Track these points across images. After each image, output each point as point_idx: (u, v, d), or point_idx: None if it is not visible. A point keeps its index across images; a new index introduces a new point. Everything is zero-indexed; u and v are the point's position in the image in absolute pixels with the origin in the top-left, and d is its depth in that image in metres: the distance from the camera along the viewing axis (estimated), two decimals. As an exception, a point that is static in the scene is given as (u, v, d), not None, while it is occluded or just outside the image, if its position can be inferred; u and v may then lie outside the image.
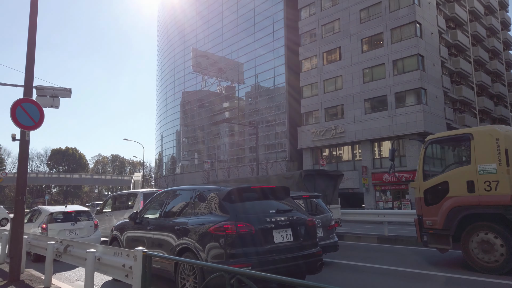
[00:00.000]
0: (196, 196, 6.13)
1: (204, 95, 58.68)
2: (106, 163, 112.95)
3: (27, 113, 7.00)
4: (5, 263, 9.13)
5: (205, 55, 59.78)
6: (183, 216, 6.08)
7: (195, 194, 6.17)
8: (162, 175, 64.77)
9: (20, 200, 7.17)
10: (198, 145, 57.56)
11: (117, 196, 14.26)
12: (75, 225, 10.70)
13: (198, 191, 6.20)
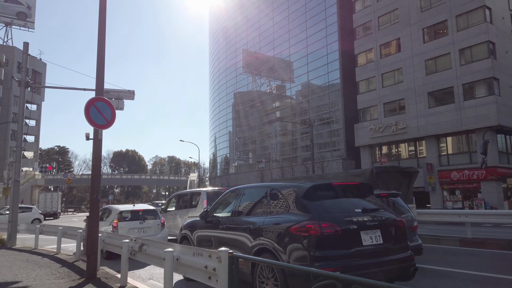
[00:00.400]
0: (271, 194, 5.76)
1: (255, 95, 58.84)
2: (163, 164, 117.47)
3: (100, 112, 7.06)
4: (80, 260, 9.40)
5: (255, 55, 60.02)
6: (258, 215, 5.74)
7: (270, 192, 5.80)
8: (216, 175, 65.88)
9: (95, 199, 7.25)
10: (251, 145, 57.79)
11: (181, 195, 14.37)
12: (143, 223, 10.84)
13: (273, 188, 5.83)
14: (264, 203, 5.79)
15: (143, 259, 6.31)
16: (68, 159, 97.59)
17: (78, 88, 15.69)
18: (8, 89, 63.95)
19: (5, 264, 8.85)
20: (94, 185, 7.24)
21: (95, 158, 7.37)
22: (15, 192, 13.35)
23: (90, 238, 7.04)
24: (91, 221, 7.15)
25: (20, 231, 13.31)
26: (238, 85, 62.67)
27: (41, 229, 12.34)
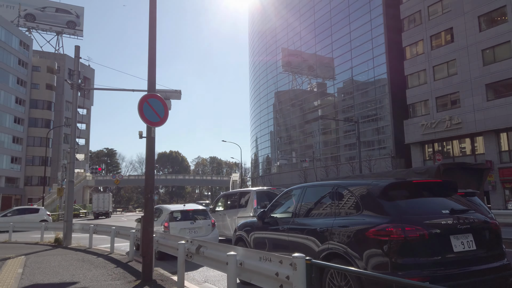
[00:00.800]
0: (339, 193, 5.20)
1: (296, 94, 58.09)
2: (205, 164, 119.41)
3: (153, 109, 6.84)
4: (133, 261, 9.32)
5: (295, 53, 59.28)
6: (325, 217, 5.21)
7: (337, 190, 5.25)
8: (258, 175, 65.76)
9: (150, 198, 7.05)
10: (292, 144, 57.11)
11: (229, 195, 14.11)
12: (194, 223, 10.62)
13: (340, 187, 5.27)
14: (330, 203, 5.26)
15: (200, 262, 5.98)
16: (116, 160, 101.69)
17: (127, 89, 15.89)
18: (60, 95, 67.58)
19: (62, 264, 8.92)
20: (148, 184, 7.04)
21: (149, 156, 7.17)
22: (69, 192, 13.67)
23: (145, 239, 6.83)
24: (145, 222, 6.95)
25: (75, 230, 13.62)
26: (278, 84, 62.19)
27: (95, 229, 12.51)
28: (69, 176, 13.64)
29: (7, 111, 56.23)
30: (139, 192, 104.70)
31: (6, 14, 63.18)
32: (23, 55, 60.59)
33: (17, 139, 58.53)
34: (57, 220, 35.96)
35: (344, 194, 5.11)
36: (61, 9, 73.05)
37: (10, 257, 10.22)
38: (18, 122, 58.88)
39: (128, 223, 30.17)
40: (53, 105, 64.90)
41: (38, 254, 10.81)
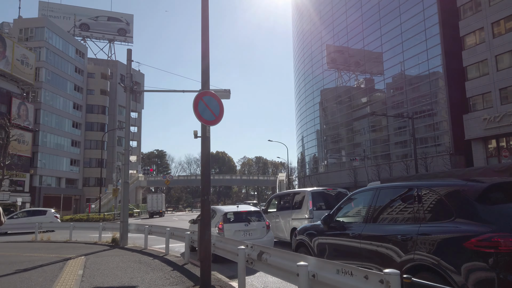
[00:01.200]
0: (422, 195, 4.56)
1: (342, 91, 56.49)
2: (251, 164, 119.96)
3: (208, 107, 6.54)
4: (189, 263, 9.14)
5: (340, 50, 57.74)
6: (406, 222, 4.58)
7: (420, 193, 4.61)
8: (305, 175, 64.75)
9: (206, 200, 6.75)
10: (340, 143, 55.59)
11: (282, 195, 13.64)
12: (248, 225, 10.27)
13: (423, 188, 4.62)
14: (412, 207, 4.62)
15: (262, 269, 5.56)
16: (166, 161, 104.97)
17: (177, 90, 15.95)
18: (114, 99, 70.83)
19: (120, 266, 8.91)
20: (204, 185, 6.74)
21: (204, 157, 6.88)
22: (125, 193, 13.89)
23: (203, 243, 6.54)
24: (202, 225, 6.66)
25: (130, 231, 13.81)
26: (324, 81, 60.85)
27: (150, 230, 12.57)
28: (124, 177, 13.86)
29: (66, 116, 59.74)
30: (188, 192, 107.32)
31: (63, 24, 67.16)
32: (79, 62, 64.12)
33: (75, 142, 62.02)
34: (112, 219, 37.44)
35: (429, 196, 4.46)
36: (113, 17, 76.59)
37: (71, 257, 10.46)
38: (76, 127, 62.39)
39: (179, 223, 30.72)
40: (107, 110, 68.17)
41: (97, 255, 11.00)
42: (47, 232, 18.29)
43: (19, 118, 46.93)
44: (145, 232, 12.48)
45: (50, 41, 56.25)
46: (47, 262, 9.62)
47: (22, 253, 11.76)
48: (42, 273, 8.16)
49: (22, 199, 38.73)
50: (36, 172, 51.67)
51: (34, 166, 51.46)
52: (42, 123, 53.64)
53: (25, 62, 49.64)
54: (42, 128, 53.40)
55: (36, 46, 53.92)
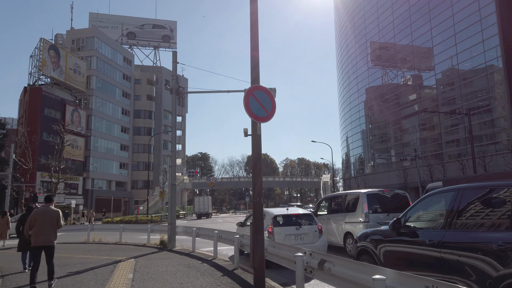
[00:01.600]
0: (518, 197, 3.81)
1: (389, 89, 54.24)
2: (293, 166, 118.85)
3: (259, 103, 6.09)
4: (239, 268, 8.75)
5: (385, 46, 55.58)
6: (504, 230, 3.86)
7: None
8: (351, 176, 62.91)
9: (258, 202, 6.30)
10: (387, 142, 53.40)
11: (333, 197, 12.94)
12: (299, 229, 9.71)
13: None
14: (506, 210, 3.89)
15: (324, 280, 5.00)
16: (209, 164, 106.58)
17: (222, 91, 15.75)
18: (159, 104, 72.93)
19: (170, 270, 8.69)
20: (256, 185, 6.30)
21: (255, 155, 6.43)
22: (172, 195, 13.83)
23: (257, 248, 6.08)
24: (255, 229, 6.21)
25: (178, 233, 13.72)
26: (369, 79, 58.83)
27: (197, 232, 12.36)
28: (171, 179, 13.79)
29: (115, 122, 62.24)
30: (231, 194, 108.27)
31: (112, 34, 70.16)
32: (127, 70, 66.65)
33: (124, 146, 64.44)
34: (160, 221, 38.21)
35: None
36: (157, 25, 79.03)
37: (121, 259, 10.43)
38: (124, 131, 64.83)
39: (225, 225, 30.70)
40: (153, 114, 70.31)
41: (146, 257, 10.92)
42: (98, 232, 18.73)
43: (73, 124, 49.42)
44: (193, 234, 12.29)
45: (99, 50, 58.90)
46: (98, 265, 9.63)
47: (75, 254, 11.98)
48: (94, 276, 8.10)
49: (76, 201, 40.66)
50: (88, 175, 54.17)
51: (86, 170, 53.98)
52: (94, 128, 56.19)
53: (77, 71, 52.27)
54: (93, 133, 55.93)
55: (87, 55, 56.66)
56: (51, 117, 45.96)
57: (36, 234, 6.78)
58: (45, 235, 6.79)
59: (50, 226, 6.87)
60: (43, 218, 6.86)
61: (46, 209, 7.01)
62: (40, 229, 6.79)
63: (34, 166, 39.49)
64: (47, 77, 48.40)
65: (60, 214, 7.15)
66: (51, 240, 6.85)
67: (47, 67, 46.64)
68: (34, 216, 6.89)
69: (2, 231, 16.02)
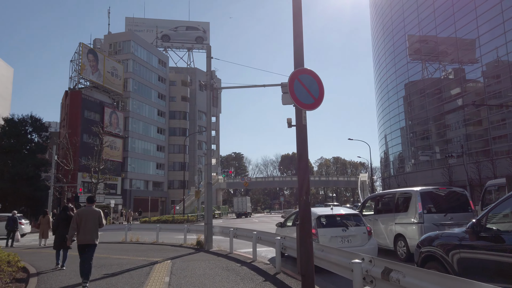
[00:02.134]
0: None
1: (429, 84, 51.64)
2: (328, 165, 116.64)
3: (305, 88, 5.38)
4: (281, 273, 8.08)
5: (424, 39, 53.00)
6: None
7: None
8: (390, 175, 60.54)
9: (305, 201, 5.59)
10: (429, 139, 50.82)
11: (380, 196, 11.98)
12: (346, 231, 8.90)
13: None
14: None
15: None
16: (243, 164, 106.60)
17: (258, 85, 15.14)
18: (193, 105, 73.62)
19: (208, 273, 8.15)
20: (302, 182, 5.59)
21: (301, 148, 5.73)
22: (208, 194, 13.37)
23: (305, 253, 5.38)
24: (303, 231, 5.51)
25: (215, 233, 13.24)
26: (409, 73, 56.31)
27: (235, 233, 11.81)
28: (207, 178, 13.34)
29: (152, 123, 63.36)
30: (266, 194, 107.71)
31: (147, 37, 71.60)
32: (162, 71, 67.73)
33: (160, 147, 65.49)
34: (195, 221, 38.26)
35: None
36: (191, 26, 79.92)
37: (158, 261, 10.05)
38: (160, 132, 65.89)
39: (261, 225, 30.15)
40: (187, 115, 71.06)
41: (182, 259, 10.48)
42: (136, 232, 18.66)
43: (111, 126, 50.65)
44: (230, 235, 11.75)
45: (135, 53, 60.15)
46: (134, 266, 9.27)
47: (112, 255, 11.76)
48: (129, 279, 7.70)
49: (115, 201, 41.52)
50: (126, 176, 55.39)
51: (124, 170, 55.21)
52: (131, 130, 57.41)
53: (115, 74, 53.57)
54: (130, 134, 57.15)
55: (124, 59, 58.00)
56: (91, 119, 47.29)
57: (80, 233, 7.10)
58: (89, 234, 7.10)
59: (93, 225, 7.19)
60: (87, 218, 7.18)
61: (89, 209, 7.34)
62: (84, 228, 7.10)
63: (75, 167, 40.68)
64: (86, 81, 49.89)
65: (102, 214, 7.48)
66: (94, 239, 7.17)
67: (86, 70, 48.05)
68: (79, 216, 7.19)
69: (43, 230, 16.25)
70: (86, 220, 7.14)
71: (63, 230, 9.33)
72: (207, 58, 14.28)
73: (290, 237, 8.75)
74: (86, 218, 7.16)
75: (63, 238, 9.04)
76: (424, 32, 52.32)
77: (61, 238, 9.28)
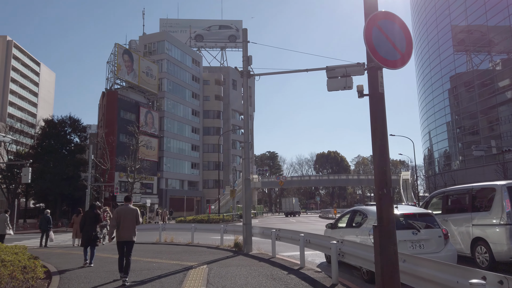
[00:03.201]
0: None
1: (476, 75, 48.03)
2: (366, 164, 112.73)
3: (388, 38, 3.92)
4: (339, 284, 6.63)
5: (469, 29, 49.34)
6: None
7: None
8: (435, 173, 57.02)
9: (386, 196, 4.13)
10: (478, 134, 47.18)
11: (450, 193, 10.17)
12: (417, 234, 7.29)
13: None
14: None
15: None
16: (278, 163, 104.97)
17: (300, 70, 13.71)
18: (227, 104, 72.98)
19: (250, 282, 6.84)
20: (383, 171, 4.14)
21: (377, 121, 4.27)
22: (246, 192, 12.11)
23: (388, 266, 3.92)
24: (384, 236, 4.05)
25: (254, 234, 11.94)
26: (454, 65, 52.72)
27: (277, 234, 10.45)
28: (245, 173, 12.06)
29: (186, 122, 63.27)
30: (301, 193, 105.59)
31: (180, 37, 71.70)
32: (195, 71, 67.56)
33: (195, 146, 65.30)
34: (231, 220, 37.24)
35: None
36: (223, 25, 79.38)
37: (192, 266, 8.87)
38: (195, 132, 65.70)
39: (299, 225, 28.62)
40: (221, 114, 70.50)
41: (220, 263, 9.25)
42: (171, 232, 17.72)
43: (146, 126, 50.82)
44: (272, 237, 10.40)
45: (169, 53, 60.22)
46: (166, 272, 8.13)
47: (144, 257, 10.73)
48: None
49: (150, 200, 41.30)
50: (162, 175, 55.46)
51: (160, 170, 55.30)
52: (166, 129, 57.47)
53: (150, 74, 53.76)
54: (166, 134, 57.21)
55: (158, 59, 58.18)
56: (127, 119, 47.54)
57: (120, 230, 7.32)
58: (127, 231, 7.33)
59: (131, 223, 7.40)
60: (126, 216, 7.38)
61: (127, 207, 7.54)
62: (123, 226, 7.32)
63: (112, 167, 40.86)
64: (122, 81, 50.27)
65: (138, 212, 7.65)
66: (132, 236, 7.39)
67: (121, 71, 48.39)
68: (118, 214, 7.40)
69: (76, 229, 15.63)
70: (124, 218, 7.34)
71: (90, 227, 9.48)
72: (243, 42, 13.06)
73: (349, 241, 7.28)
74: (124, 216, 7.36)
75: (90, 236, 9.41)
76: (469, 21, 48.78)
77: (88, 235, 9.43)
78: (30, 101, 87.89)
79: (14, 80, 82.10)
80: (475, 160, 45.81)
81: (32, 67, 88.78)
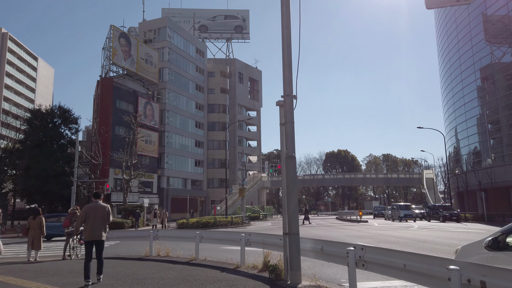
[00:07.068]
0: None
1: (503, 67, 43.35)
2: (377, 163, 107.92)
3: None
4: None
5: (499, 19, 44.62)
6: None
7: None
8: (462, 171, 51.82)
9: None
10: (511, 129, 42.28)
11: None
12: None
13: None
14: None
15: None
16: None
17: None
18: (233, 98, 68.06)
19: None
20: None
21: None
22: (288, 176, 7.14)
23: None
24: None
25: (303, 251, 6.95)
26: (482, 57, 47.76)
27: (360, 256, 5.48)
28: (288, 150, 7.12)
29: (190, 116, 58.41)
30: (309, 194, 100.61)
31: (184, 28, 66.96)
32: (200, 62, 62.73)
33: (199, 143, 60.39)
34: (241, 223, 32.39)
35: None
36: (229, 15, 74.65)
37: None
38: (199, 127, 60.81)
39: (324, 230, 23.44)
40: (227, 108, 65.60)
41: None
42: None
43: (145, 118, 46.02)
44: (350, 260, 5.46)
45: (171, 40, 55.49)
46: None
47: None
48: None
49: (149, 200, 36.40)
50: (163, 173, 50.64)
51: (161, 167, 50.52)
52: (167, 123, 52.73)
53: (149, 61, 49.00)
54: (167, 128, 52.47)
55: (159, 47, 53.47)
56: (123, 110, 42.72)
57: (88, 229, 6.78)
58: (97, 230, 6.79)
59: (101, 221, 6.86)
60: (95, 214, 6.85)
61: (97, 204, 6.99)
62: (92, 224, 6.79)
63: (106, 162, 36.15)
64: (119, 68, 45.52)
65: (109, 209, 7.09)
66: (102, 235, 6.83)
67: (117, 56, 43.64)
68: (85, 212, 6.86)
69: (33, 236, 10.98)
70: (94, 216, 6.83)
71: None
72: None
73: None
74: (94, 213, 6.85)
75: None
76: (503, 11, 43.92)
77: None
78: (27, 97, 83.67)
79: (10, 75, 77.93)
80: (508, 157, 40.91)
81: (29, 61, 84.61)
